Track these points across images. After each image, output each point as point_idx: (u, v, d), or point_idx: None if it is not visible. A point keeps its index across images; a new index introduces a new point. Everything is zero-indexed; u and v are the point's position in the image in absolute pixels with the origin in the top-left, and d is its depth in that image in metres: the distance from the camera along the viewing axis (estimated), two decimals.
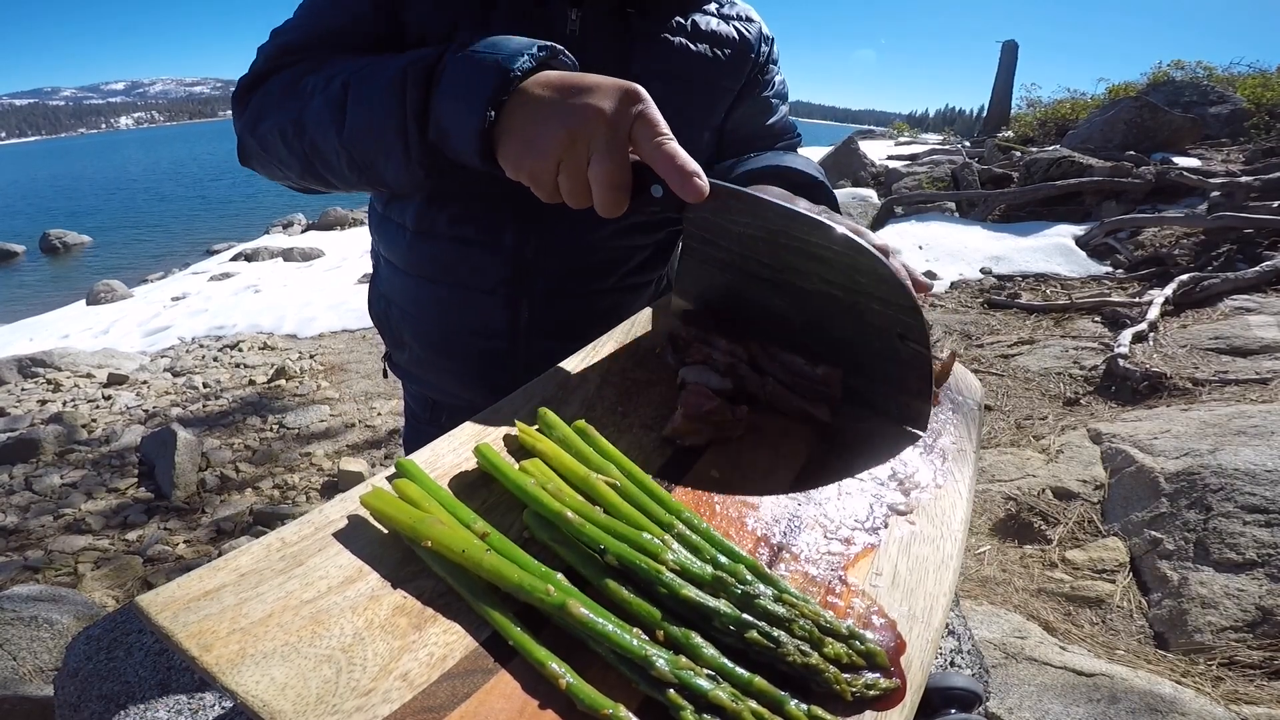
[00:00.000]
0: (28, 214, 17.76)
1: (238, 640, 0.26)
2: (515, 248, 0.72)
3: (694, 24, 0.73)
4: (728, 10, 0.76)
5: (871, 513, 0.39)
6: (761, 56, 0.79)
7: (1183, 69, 9.05)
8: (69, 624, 1.67)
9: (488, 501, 0.36)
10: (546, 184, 0.46)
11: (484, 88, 0.46)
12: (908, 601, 0.33)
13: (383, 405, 3.19)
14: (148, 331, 5.25)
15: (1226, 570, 1.57)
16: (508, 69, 0.46)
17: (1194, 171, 5.13)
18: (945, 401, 0.52)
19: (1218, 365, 2.68)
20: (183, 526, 2.35)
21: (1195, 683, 1.35)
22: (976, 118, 35.74)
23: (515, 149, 0.46)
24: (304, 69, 0.60)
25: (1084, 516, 1.91)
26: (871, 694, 0.28)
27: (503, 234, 0.71)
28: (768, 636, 0.29)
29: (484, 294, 0.74)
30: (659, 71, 0.71)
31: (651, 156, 0.44)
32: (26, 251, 12.43)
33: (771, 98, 0.81)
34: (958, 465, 0.44)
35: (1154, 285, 3.67)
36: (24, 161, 54.09)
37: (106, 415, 3.29)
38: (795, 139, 0.83)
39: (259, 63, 0.65)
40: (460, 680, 0.27)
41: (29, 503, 2.54)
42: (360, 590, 0.30)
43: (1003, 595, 1.69)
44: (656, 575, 0.30)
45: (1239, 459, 1.79)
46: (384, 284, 0.85)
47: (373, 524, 0.33)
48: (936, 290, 4.11)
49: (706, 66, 0.74)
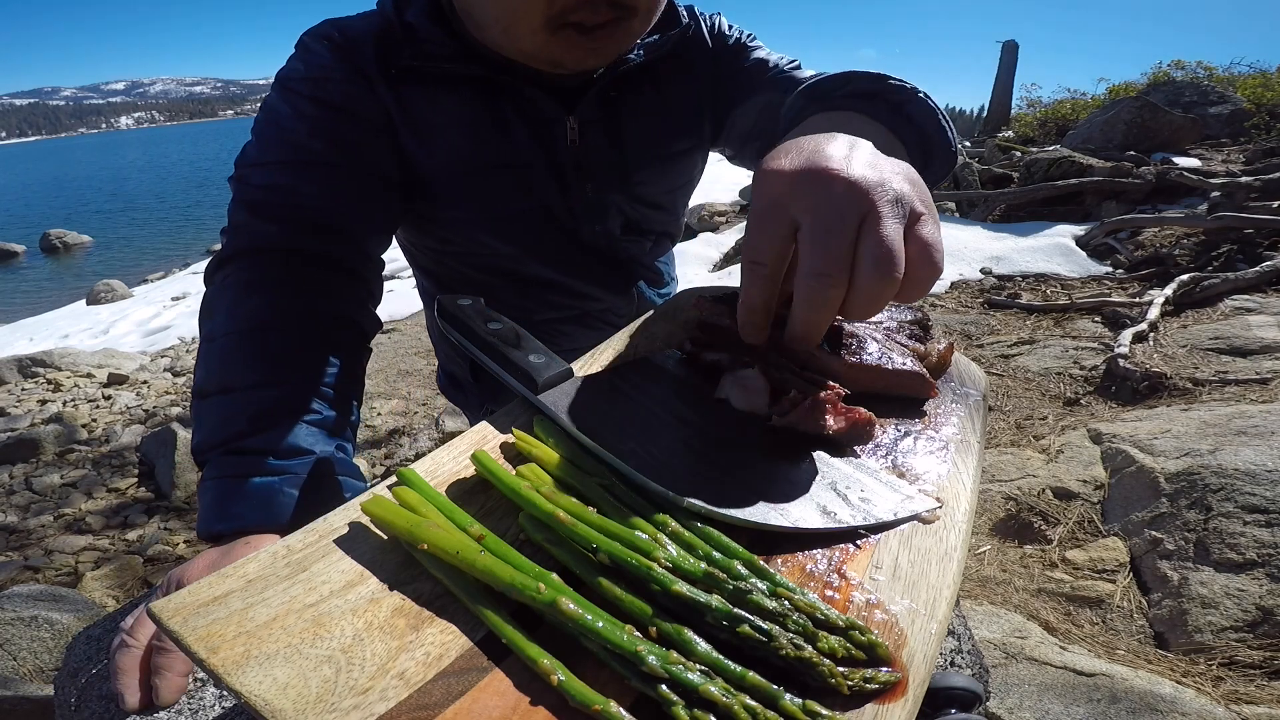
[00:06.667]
0: (28, 214, 17.78)
1: (243, 643, 0.27)
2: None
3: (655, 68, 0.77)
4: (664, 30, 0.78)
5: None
6: (714, 34, 0.81)
7: (1183, 69, 9.05)
8: (69, 624, 1.68)
9: (485, 506, 0.37)
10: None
11: (209, 519, 0.51)
12: (909, 595, 0.33)
13: (383, 405, 3.19)
14: (148, 331, 5.25)
15: (1227, 570, 1.57)
16: (217, 533, 0.50)
17: (1194, 171, 5.13)
18: (946, 393, 0.51)
19: (1218, 365, 2.68)
20: (183, 526, 2.35)
21: (1195, 683, 1.35)
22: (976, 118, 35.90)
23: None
24: (229, 298, 0.61)
25: (1084, 516, 1.91)
26: (870, 687, 0.28)
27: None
28: (760, 631, 0.29)
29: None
30: (643, 110, 0.76)
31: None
32: (27, 251, 12.45)
33: (751, 54, 0.81)
34: (961, 456, 0.44)
35: (1154, 285, 3.67)
36: (24, 161, 54.10)
37: (106, 415, 3.30)
38: (796, 61, 0.82)
39: (224, 244, 0.65)
40: (455, 679, 0.28)
41: (29, 503, 2.54)
42: (361, 594, 0.30)
43: (1003, 595, 1.69)
44: (648, 572, 0.31)
45: (1239, 459, 1.79)
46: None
47: (373, 530, 0.34)
48: (936, 290, 4.11)
49: (673, 74, 0.78)
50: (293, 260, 0.63)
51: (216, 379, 0.57)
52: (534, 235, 0.77)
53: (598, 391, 0.44)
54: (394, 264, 5.05)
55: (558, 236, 0.78)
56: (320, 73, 0.66)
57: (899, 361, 0.48)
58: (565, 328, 0.88)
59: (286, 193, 0.63)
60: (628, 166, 0.77)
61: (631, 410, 0.43)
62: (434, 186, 0.72)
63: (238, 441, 0.53)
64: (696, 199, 5.57)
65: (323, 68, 0.66)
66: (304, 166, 0.64)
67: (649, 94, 0.76)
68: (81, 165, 40.77)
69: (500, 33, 0.62)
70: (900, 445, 0.44)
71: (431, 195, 0.73)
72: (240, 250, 0.63)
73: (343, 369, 0.61)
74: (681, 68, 0.78)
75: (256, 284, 0.61)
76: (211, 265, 0.64)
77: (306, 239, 0.63)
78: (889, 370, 0.47)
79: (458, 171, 0.71)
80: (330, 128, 0.65)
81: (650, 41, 0.74)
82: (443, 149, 0.70)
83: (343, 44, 0.67)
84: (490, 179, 0.73)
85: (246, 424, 0.54)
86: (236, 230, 0.64)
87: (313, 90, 0.65)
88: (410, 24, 0.67)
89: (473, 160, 0.71)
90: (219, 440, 0.54)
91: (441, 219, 0.76)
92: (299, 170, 0.64)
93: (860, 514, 0.37)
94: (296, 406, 0.56)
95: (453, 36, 0.68)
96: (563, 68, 0.65)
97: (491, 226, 0.76)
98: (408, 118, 0.69)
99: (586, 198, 0.77)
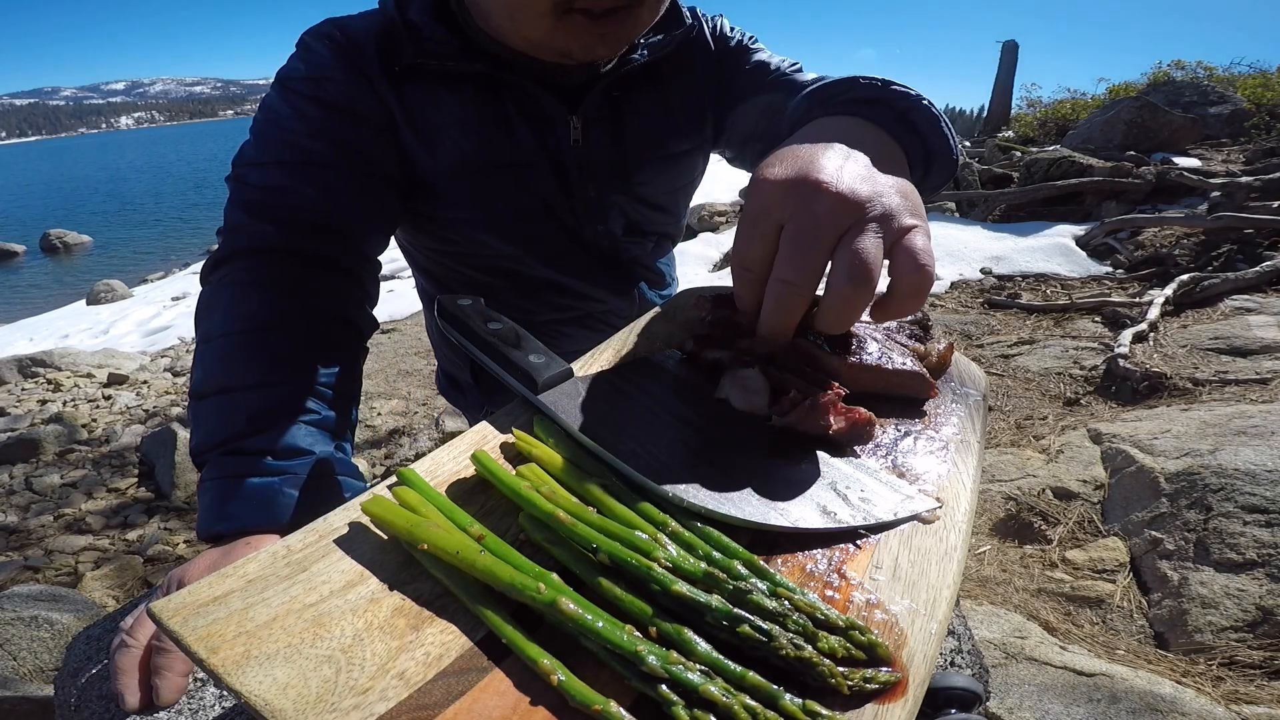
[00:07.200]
0: (28, 214, 17.78)
1: (243, 643, 0.27)
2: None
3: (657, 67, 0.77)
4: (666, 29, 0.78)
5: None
6: (716, 36, 0.81)
7: (1183, 69, 9.04)
8: (69, 624, 1.68)
9: (485, 506, 0.36)
10: None
11: (209, 519, 0.51)
12: (909, 595, 0.33)
13: (383, 405, 3.19)
14: (148, 331, 5.25)
15: (1227, 570, 1.57)
16: (217, 533, 0.50)
17: (1194, 171, 5.13)
18: (946, 393, 0.51)
19: (1218, 365, 2.68)
20: (183, 526, 2.35)
21: (1195, 683, 1.35)
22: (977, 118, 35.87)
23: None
24: (226, 298, 0.61)
25: (1084, 516, 1.91)
26: (870, 687, 0.28)
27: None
28: (760, 631, 0.29)
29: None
30: (645, 110, 0.76)
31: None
32: (27, 251, 12.45)
33: (753, 57, 0.81)
34: (961, 456, 0.44)
35: (1154, 285, 3.67)
36: (24, 161, 54.12)
37: (106, 415, 3.30)
38: (797, 63, 0.82)
39: (221, 244, 0.65)
40: (455, 679, 0.28)
41: (29, 503, 2.54)
42: (361, 594, 0.30)
43: (1003, 595, 1.69)
44: (648, 572, 0.31)
45: (1239, 459, 1.79)
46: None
47: (374, 530, 0.34)
48: (936, 290, 4.11)
49: (676, 74, 0.78)
50: (290, 261, 0.62)
51: (215, 379, 0.56)
52: (535, 235, 0.77)
53: (598, 391, 0.44)
54: (394, 264, 5.05)
55: (559, 236, 0.78)
56: (320, 72, 0.66)
57: (899, 361, 0.48)
58: (566, 329, 0.88)
59: (285, 193, 0.63)
60: (629, 166, 0.77)
61: (631, 410, 0.43)
62: (435, 186, 0.72)
63: (237, 442, 0.53)
64: (697, 199, 5.56)
65: (323, 67, 0.66)
66: (303, 167, 0.64)
67: (652, 94, 0.76)
68: (81, 165, 40.78)
69: (506, 20, 0.61)
70: (900, 445, 0.44)
71: (433, 194, 0.73)
72: (238, 250, 0.63)
73: (341, 369, 0.61)
74: (684, 68, 0.78)
75: (254, 284, 0.61)
76: (208, 265, 0.64)
77: (304, 239, 0.63)
78: (889, 370, 0.47)
79: (459, 170, 0.71)
80: (330, 128, 0.65)
81: (654, 41, 0.74)
82: (445, 148, 0.70)
83: (344, 43, 0.67)
84: (492, 178, 0.72)
85: (246, 424, 0.54)
86: (234, 230, 0.64)
87: (313, 90, 0.65)
88: (413, 22, 0.67)
89: (475, 159, 0.71)
90: (218, 441, 0.54)
91: (442, 218, 0.76)
92: (298, 170, 0.64)
93: (860, 514, 0.37)
94: (296, 407, 0.56)
95: (456, 34, 0.68)
96: (570, 57, 0.65)
97: (493, 226, 0.75)
98: (409, 117, 0.68)
99: (588, 197, 0.76)
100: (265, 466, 0.52)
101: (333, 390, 0.59)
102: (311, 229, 0.64)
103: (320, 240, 0.64)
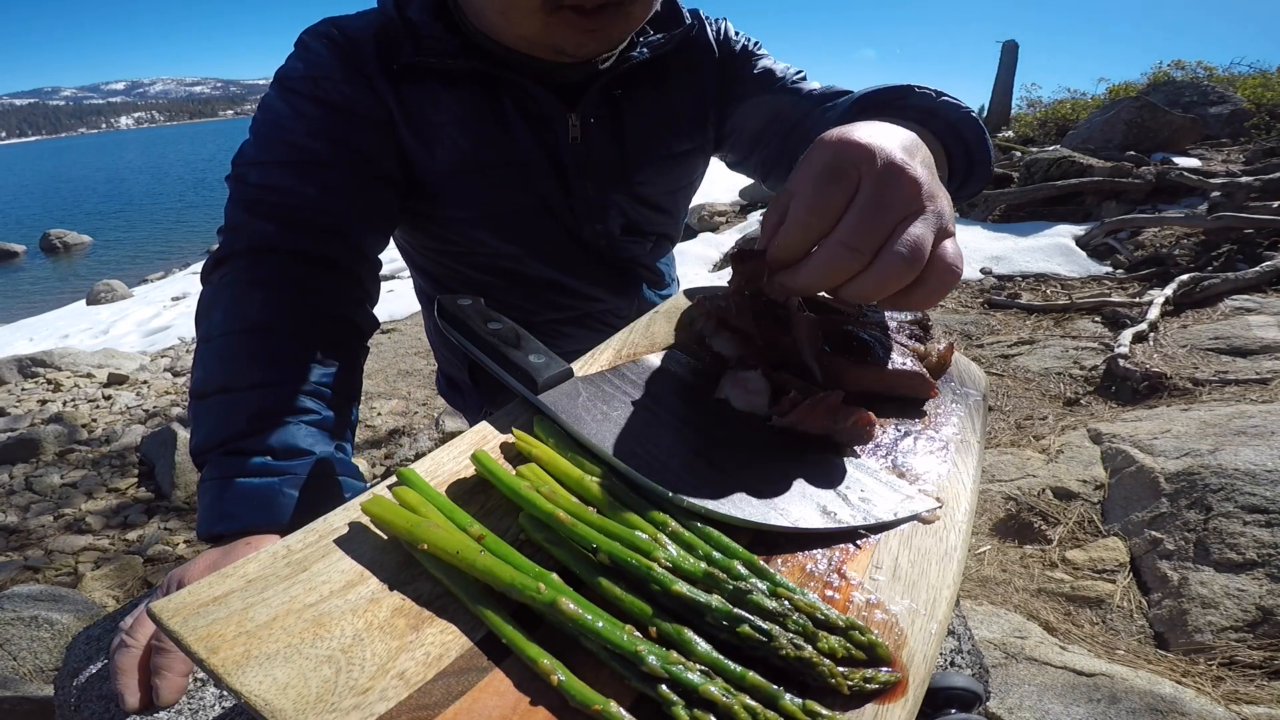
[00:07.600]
0: (28, 214, 17.77)
1: (243, 643, 0.27)
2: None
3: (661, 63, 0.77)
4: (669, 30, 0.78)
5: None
6: (719, 40, 0.81)
7: (1183, 69, 9.05)
8: (69, 624, 1.68)
9: (485, 506, 0.36)
10: None
11: (208, 520, 0.51)
12: (910, 595, 0.33)
13: (383, 405, 3.19)
14: (148, 331, 5.25)
15: (1227, 570, 1.57)
16: (218, 534, 0.50)
17: (1194, 171, 5.13)
18: (946, 393, 0.51)
19: (1218, 365, 2.68)
20: (183, 526, 2.35)
21: (1195, 683, 1.35)
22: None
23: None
24: (226, 298, 0.61)
25: (1084, 516, 1.91)
26: (870, 687, 0.28)
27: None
28: (760, 631, 0.29)
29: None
30: (646, 109, 0.76)
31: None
32: (27, 251, 12.45)
33: (758, 62, 0.81)
34: (961, 456, 0.44)
35: (1154, 285, 3.67)
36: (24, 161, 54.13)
37: (106, 415, 3.30)
38: (801, 71, 0.82)
39: (221, 244, 0.65)
40: (455, 678, 0.27)
41: (29, 503, 2.54)
42: (361, 594, 0.30)
43: (1003, 595, 1.69)
44: (648, 572, 0.31)
45: (1239, 459, 1.79)
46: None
47: (374, 530, 0.34)
48: None
49: (678, 74, 0.78)
50: (291, 260, 0.62)
51: (215, 379, 0.56)
52: (534, 234, 0.77)
53: (598, 391, 0.44)
54: (394, 264, 5.05)
55: (558, 236, 0.78)
56: (319, 71, 0.66)
57: (899, 361, 0.48)
58: (566, 329, 0.88)
59: (285, 192, 0.63)
60: (629, 165, 0.77)
61: (631, 410, 0.43)
62: (434, 184, 0.72)
63: (237, 442, 0.53)
64: (697, 199, 5.56)
65: (322, 66, 0.66)
66: (302, 166, 0.64)
67: (652, 93, 0.76)
68: (81, 165, 40.79)
69: (498, 16, 0.62)
70: (900, 445, 0.44)
71: (431, 193, 0.73)
72: (237, 250, 0.63)
73: (341, 369, 0.61)
74: (685, 69, 0.78)
75: (254, 284, 0.61)
76: (208, 265, 0.64)
77: (304, 239, 0.63)
78: (889, 370, 0.47)
79: (458, 169, 0.71)
80: (329, 127, 0.65)
81: (654, 40, 0.74)
82: (443, 146, 0.70)
83: (342, 42, 0.67)
84: (491, 176, 0.72)
85: (246, 424, 0.54)
86: (234, 230, 0.64)
87: (312, 89, 0.65)
88: (412, 20, 0.67)
89: (473, 158, 0.71)
90: (218, 441, 0.54)
91: (441, 217, 0.75)
92: (297, 170, 0.64)
93: (860, 514, 0.37)
94: (296, 407, 0.56)
95: (455, 33, 0.68)
96: (564, 54, 0.65)
97: (491, 225, 0.75)
98: (408, 116, 0.68)
99: (587, 196, 0.76)
100: (265, 466, 0.52)
101: (333, 390, 0.59)
102: (312, 228, 0.64)
103: (320, 240, 0.64)
